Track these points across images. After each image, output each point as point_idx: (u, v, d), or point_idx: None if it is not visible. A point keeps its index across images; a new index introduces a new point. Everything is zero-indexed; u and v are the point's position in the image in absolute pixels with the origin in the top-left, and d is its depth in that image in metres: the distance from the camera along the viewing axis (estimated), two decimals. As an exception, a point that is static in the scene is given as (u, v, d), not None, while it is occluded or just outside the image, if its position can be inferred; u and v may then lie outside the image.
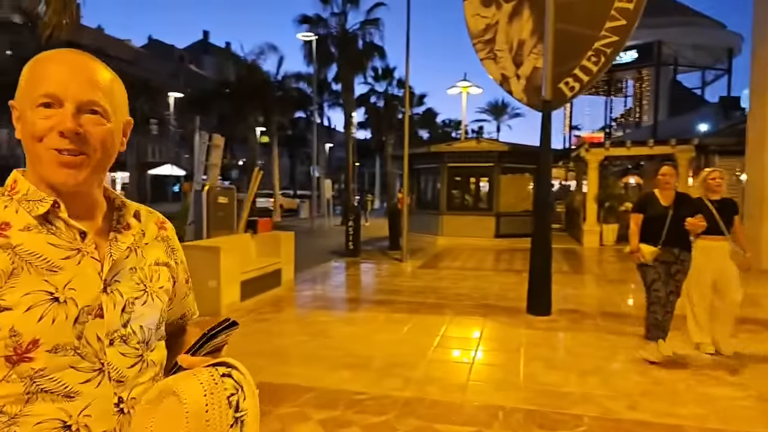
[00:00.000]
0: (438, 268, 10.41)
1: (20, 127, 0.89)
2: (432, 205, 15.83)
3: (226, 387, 0.85)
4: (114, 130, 0.91)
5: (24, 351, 0.80)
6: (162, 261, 1.03)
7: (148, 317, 0.95)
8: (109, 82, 0.90)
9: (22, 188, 0.89)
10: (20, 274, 0.82)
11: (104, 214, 0.96)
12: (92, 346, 0.86)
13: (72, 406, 0.83)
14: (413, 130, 41.12)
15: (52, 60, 0.88)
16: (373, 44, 26.15)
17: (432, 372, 4.45)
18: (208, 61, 50.97)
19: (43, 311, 0.81)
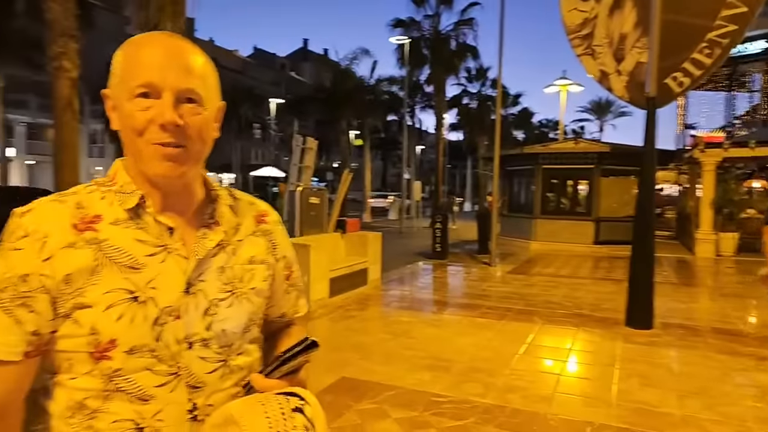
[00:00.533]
0: (529, 274, 10.03)
1: (116, 117, 0.85)
2: (525, 208, 15.29)
3: (295, 425, 0.76)
4: (209, 117, 0.87)
5: (103, 349, 0.79)
6: (258, 259, 0.96)
7: (233, 321, 0.89)
8: (203, 66, 0.86)
9: (120, 179, 0.87)
10: (102, 271, 0.80)
11: (198, 206, 0.91)
12: (170, 348, 0.82)
13: (146, 409, 0.81)
14: (507, 131, 40.07)
15: (145, 45, 0.83)
16: (466, 45, 25.86)
17: (515, 380, 4.29)
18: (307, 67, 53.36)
19: (122, 311, 0.79)
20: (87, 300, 0.79)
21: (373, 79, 27.74)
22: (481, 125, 33.18)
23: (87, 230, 0.82)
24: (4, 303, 0.78)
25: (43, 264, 0.79)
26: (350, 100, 25.33)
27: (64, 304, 0.79)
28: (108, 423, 0.80)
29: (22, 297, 0.78)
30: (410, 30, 25.01)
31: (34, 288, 0.78)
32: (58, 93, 8.01)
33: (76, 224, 0.82)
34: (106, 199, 0.85)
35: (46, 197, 0.85)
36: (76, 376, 0.81)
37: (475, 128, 34.42)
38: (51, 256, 0.79)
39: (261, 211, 1.02)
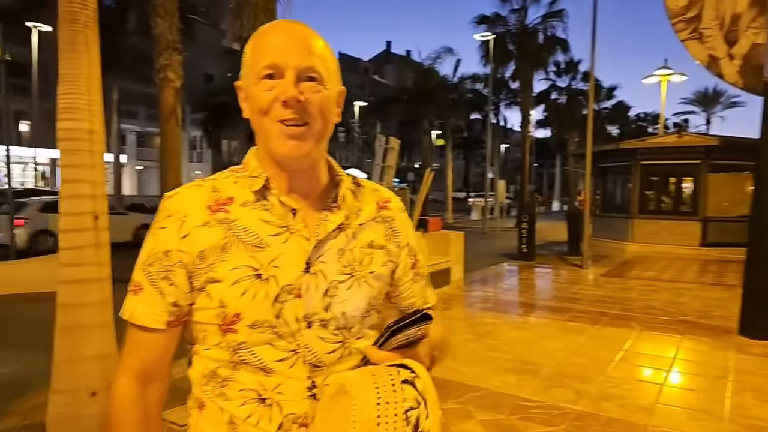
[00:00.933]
0: (625, 278, 9.39)
1: (246, 105, 0.90)
2: (620, 207, 14.32)
3: (405, 397, 0.75)
4: (330, 96, 0.89)
5: (229, 322, 0.84)
6: (378, 244, 0.96)
7: (352, 303, 0.91)
8: (323, 48, 0.89)
9: (251, 165, 0.92)
10: (230, 249, 0.85)
11: (322, 189, 0.94)
12: (289, 326, 0.86)
13: (268, 381, 0.85)
14: (600, 126, 37.91)
15: (270, 32, 0.88)
16: (555, 37, 24.80)
17: (610, 388, 4.00)
18: (389, 70, 53.95)
19: (246, 287, 0.84)
20: (217, 275, 0.85)
21: (456, 77, 27.41)
22: (571, 121, 31.68)
23: (219, 211, 0.88)
24: (151, 275, 0.87)
25: (181, 241, 0.86)
26: (432, 99, 25.19)
27: (198, 278, 0.86)
28: (236, 391, 0.86)
29: (165, 270, 0.86)
30: (495, 26, 24.42)
31: (174, 262, 0.86)
32: (163, 102, 8.70)
33: (210, 206, 0.88)
34: (238, 184, 0.91)
35: (189, 183, 0.93)
36: (209, 347, 0.88)
37: (564, 124, 32.96)
38: (188, 234, 0.86)
39: (384, 197, 1.03)
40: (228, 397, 0.86)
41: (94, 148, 3.30)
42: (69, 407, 2.96)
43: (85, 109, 3.26)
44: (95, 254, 3.12)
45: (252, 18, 5.35)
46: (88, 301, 3.05)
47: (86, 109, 3.26)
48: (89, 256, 3.09)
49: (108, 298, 3.18)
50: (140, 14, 12.53)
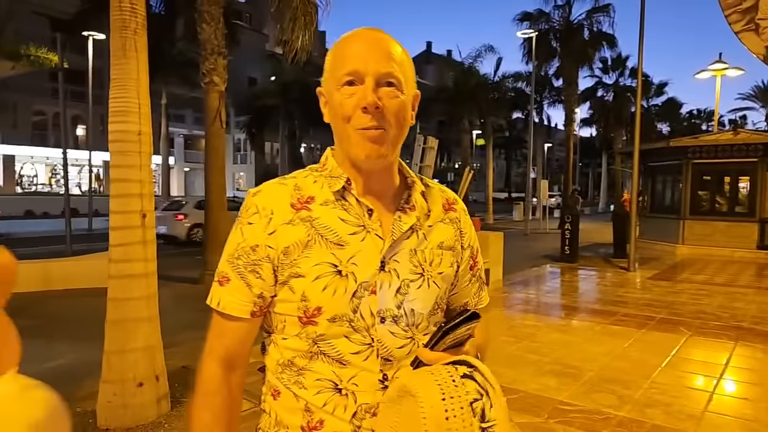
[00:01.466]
0: (674, 281, 9.02)
1: (327, 111, 0.94)
2: (670, 208, 13.76)
3: (467, 390, 0.77)
4: (407, 102, 0.92)
5: (310, 315, 0.88)
6: (447, 245, 1.00)
7: (422, 301, 0.94)
8: (401, 54, 0.92)
9: (330, 165, 0.96)
10: (313, 246, 0.89)
11: (395, 191, 0.97)
12: (365, 320, 0.89)
13: (343, 373, 0.89)
14: (650, 123, 36.58)
15: (350, 40, 0.92)
16: (601, 33, 24.07)
17: (656, 394, 3.85)
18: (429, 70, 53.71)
19: (327, 282, 0.88)
20: (300, 270, 0.89)
21: (498, 76, 27.02)
22: (618, 119, 30.72)
23: (302, 209, 0.92)
24: (239, 268, 0.92)
25: (268, 237, 0.90)
26: (472, 99, 24.91)
27: (283, 272, 0.90)
28: (312, 380, 0.90)
29: (252, 264, 0.91)
30: (538, 22, 23.94)
31: (262, 257, 0.90)
32: (208, 105, 8.96)
33: (294, 204, 0.92)
34: (317, 183, 0.95)
35: (272, 180, 0.98)
36: (287, 337, 0.92)
37: (610, 122, 31.96)
38: (275, 230, 0.90)
39: (450, 199, 1.06)
40: (304, 386, 0.91)
41: (142, 149, 3.45)
42: (117, 396, 3.11)
43: (135, 112, 3.41)
44: (142, 251, 3.26)
45: (291, 22, 5.46)
46: (135, 296, 3.20)
47: (136, 112, 3.42)
48: (137, 253, 3.24)
49: (153, 293, 3.32)
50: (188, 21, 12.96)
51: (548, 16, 24.03)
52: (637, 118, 10.38)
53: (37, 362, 4.49)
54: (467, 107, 25.25)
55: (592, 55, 24.45)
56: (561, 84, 26.14)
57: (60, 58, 12.59)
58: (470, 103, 25.00)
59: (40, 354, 4.74)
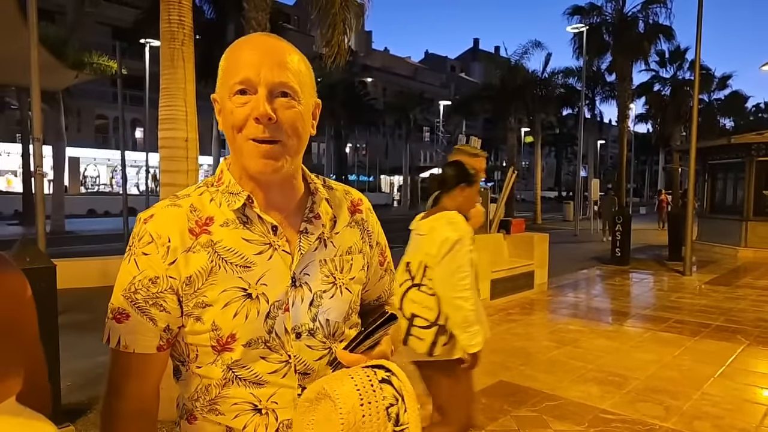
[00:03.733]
0: (734, 286, 8.54)
1: (221, 119, 0.89)
2: (731, 208, 13.01)
3: (384, 395, 0.80)
4: (304, 112, 0.88)
5: (225, 343, 0.85)
6: (356, 249, 0.99)
7: (336, 310, 0.93)
8: (297, 63, 0.88)
9: (226, 180, 0.91)
10: (218, 272, 0.85)
11: (298, 201, 0.94)
12: (281, 338, 0.87)
13: (261, 392, 0.87)
14: (712, 118, 34.69)
15: (242, 47, 0.88)
16: (658, 25, 23.01)
17: (706, 406, 3.68)
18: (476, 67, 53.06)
19: (237, 308, 0.85)
20: (207, 299, 0.85)
21: (547, 72, 26.35)
22: (676, 114, 29.30)
23: (202, 233, 0.87)
24: (139, 303, 0.85)
25: (169, 267, 0.85)
26: (519, 96, 24.40)
27: (188, 303, 0.85)
28: (229, 405, 0.88)
29: (154, 297, 0.85)
30: (589, 16, 23.16)
31: (163, 289, 0.85)
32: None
33: (192, 228, 0.87)
34: (215, 201, 0.90)
35: (163, 201, 0.92)
36: (201, 365, 0.88)
37: (668, 118, 30.52)
38: (175, 260, 0.85)
39: (355, 200, 1.04)
40: (220, 412, 0.88)
41: (189, 154, 3.61)
42: (165, 389, 3.25)
43: (182, 119, 3.57)
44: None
45: (331, 27, 5.57)
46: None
47: (183, 119, 3.58)
48: (184, 254, 3.39)
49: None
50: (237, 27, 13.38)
51: (600, 9, 23.22)
52: (694, 113, 9.90)
53: (94, 355, 4.78)
54: (513, 105, 24.76)
55: (648, 48, 23.40)
56: (614, 79, 25.20)
57: (119, 64, 13.28)
58: (517, 101, 24.49)
59: (97, 347, 5.02)
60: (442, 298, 2.22)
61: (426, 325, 2.24)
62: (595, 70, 25.98)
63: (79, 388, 3.91)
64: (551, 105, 26.94)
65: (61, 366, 3.20)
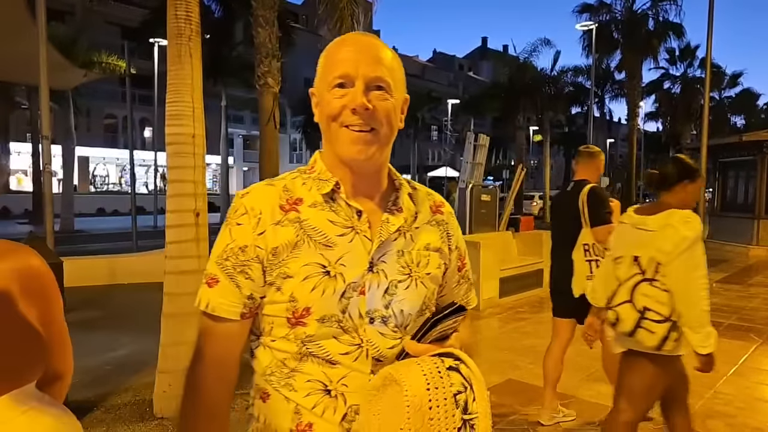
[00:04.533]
0: (746, 285, 8.44)
1: (318, 111, 0.97)
2: (743, 207, 12.87)
3: (452, 383, 0.80)
4: (395, 105, 0.95)
5: (299, 316, 0.89)
6: (433, 246, 1.01)
7: (410, 302, 0.95)
8: (391, 59, 0.95)
9: (318, 168, 0.98)
10: (302, 246, 0.90)
11: (383, 193, 0.99)
12: (354, 321, 0.91)
13: (333, 373, 0.90)
14: (723, 116, 34.37)
15: (342, 44, 0.95)
16: (668, 22, 22.90)
17: (719, 405, 3.63)
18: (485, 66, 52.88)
19: (315, 282, 0.89)
20: (289, 270, 0.90)
21: (556, 70, 26.21)
22: (687, 112, 29.04)
23: (291, 210, 0.93)
24: (228, 269, 0.92)
25: (257, 237, 0.91)
26: (528, 94, 24.29)
27: (271, 273, 0.90)
28: (302, 382, 0.91)
29: (241, 265, 0.91)
30: (598, 14, 23.07)
31: (251, 257, 0.91)
32: (263, 107, 9.25)
33: (282, 205, 0.94)
34: (306, 185, 0.97)
35: (260, 182, 0.99)
36: (275, 339, 0.92)
37: (678, 116, 30.27)
38: (264, 231, 0.91)
39: (437, 201, 1.08)
40: (294, 388, 0.91)
41: (196, 151, 3.60)
42: (172, 387, 3.27)
43: (189, 116, 3.56)
44: (196, 248, 3.41)
45: (338, 23, 5.56)
46: (189, 291, 3.33)
47: (190, 116, 3.56)
48: (190, 250, 3.38)
49: (206, 288, 3.45)
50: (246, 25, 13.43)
51: (609, 6, 23.15)
52: (705, 111, 9.80)
53: (102, 352, 4.80)
54: (522, 103, 24.65)
55: (657, 46, 23.28)
56: (623, 77, 25.03)
57: (127, 64, 13.36)
58: (525, 99, 24.37)
59: (105, 344, 5.06)
60: (676, 294, 2.23)
61: (660, 319, 2.25)
62: (604, 68, 25.85)
63: (85, 385, 3.91)
64: (560, 103, 26.79)
65: (69, 362, 3.21)
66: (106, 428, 3.21)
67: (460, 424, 0.77)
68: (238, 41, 18.38)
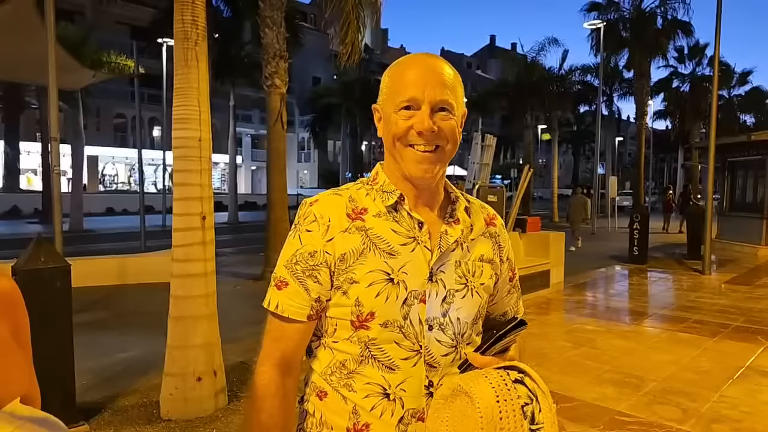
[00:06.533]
0: (754, 285, 8.37)
1: (382, 126, 1.01)
2: (752, 206, 12.74)
3: (519, 395, 0.83)
4: (458, 122, 0.99)
5: (363, 320, 0.94)
6: (487, 257, 1.05)
7: (466, 310, 1.00)
8: (453, 79, 0.98)
9: (381, 180, 1.02)
10: (367, 254, 0.95)
11: (440, 205, 1.04)
12: (414, 327, 0.94)
13: (392, 378, 0.94)
14: (732, 115, 33.98)
15: (408, 66, 0.99)
16: (676, 20, 22.65)
17: (725, 409, 3.61)
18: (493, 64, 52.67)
19: (380, 289, 0.93)
20: (355, 276, 0.94)
21: (564, 69, 26.04)
22: (696, 110, 28.72)
23: (357, 219, 0.98)
24: (297, 273, 0.96)
25: (326, 243, 0.96)
26: (535, 93, 24.15)
27: (338, 277, 0.95)
28: (362, 384, 0.95)
29: (311, 269, 0.96)
30: (607, 12, 22.87)
31: (320, 262, 0.95)
32: (270, 107, 9.25)
33: (349, 214, 0.98)
34: (369, 196, 1.01)
35: (327, 191, 1.04)
36: (338, 340, 0.97)
37: (687, 114, 29.96)
38: (332, 238, 0.96)
39: (490, 214, 1.13)
40: (353, 389, 0.95)
41: (203, 154, 3.62)
42: (178, 390, 3.30)
43: (196, 119, 3.59)
44: (202, 251, 3.43)
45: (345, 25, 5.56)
46: (195, 294, 3.37)
47: (196, 119, 3.59)
48: (197, 253, 3.41)
49: (212, 291, 3.49)
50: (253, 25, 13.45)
51: (617, 5, 22.93)
52: (713, 109, 9.71)
53: (110, 353, 4.85)
54: (530, 102, 24.52)
55: (666, 44, 23.02)
56: (632, 76, 24.84)
57: (136, 64, 13.44)
58: (533, 98, 24.25)
59: (113, 345, 5.11)
60: None
61: None
62: (612, 67, 25.61)
63: (94, 386, 3.96)
64: (568, 102, 26.63)
65: (77, 364, 3.25)
66: (114, 430, 3.24)
67: None
68: (246, 41, 18.41)
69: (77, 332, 3.30)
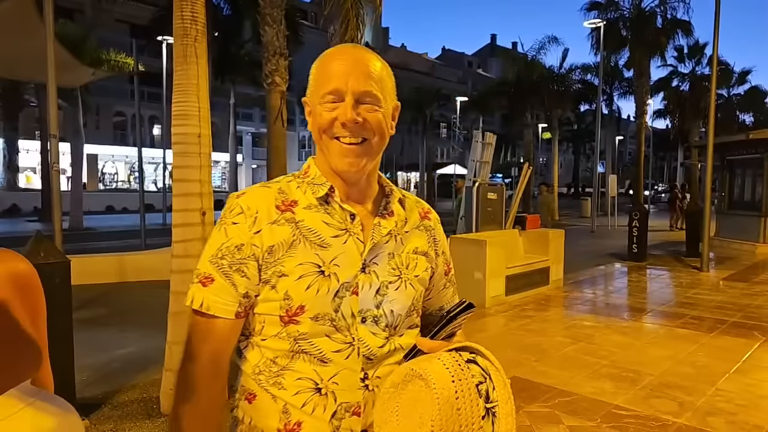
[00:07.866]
0: (751, 282, 8.39)
1: (311, 121, 0.99)
2: (750, 204, 12.76)
3: (473, 374, 0.83)
4: (385, 114, 0.98)
5: (293, 314, 0.91)
6: (421, 250, 1.05)
7: (399, 303, 0.98)
8: (380, 71, 0.97)
9: (312, 173, 1.01)
10: (297, 246, 0.92)
11: (374, 198, 1.03)
12: (346, 320, 0.93)
13: (324, 371, 0.91)
14: (732, 114, 34.03)
15: (332, 58, 0.97)
16: (676, 20, 22.72)
17: (721, 402, 3.63)
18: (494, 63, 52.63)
19: (310, 281, 0.91)
20: (284, 269, 0.92)
21: (564, 68, 26.05)
22: (695, 109, 28.77)
23: (286, 211, 0.96)
24: (224, 268, 0.92)
25: (254, 236, 0.93)
26: (536, 92, 24.17)
27: (267, 271, 0.92)
28: (292, 380, 0.92)
29: (238, 263, 0.92)
30: (606, 11, 22.90)
31: (247, 255, 0.92)
32: (270, 105, 9.28)
33: (278, 205, 0.96)
34: (300, 188, 1.00)
35: (256, 184, 1.02)
36: (266, 338, 0.93)
37: (686, 113, 30.00)
38: (260, 230, 0.93)
39: (425, 209, 1.13)
40: (283, 386, 0.92)
41: (202, 150, 3.64)
42: (179, 383, 3.32)
43: (195, 116, 3.60)
44: (202, 247, 3.44)
45: (344, 23, 5.59)
46: (194, 289, 3.39)
47: (196, 115, 3.61)
48: (197, 249, 3.42)
49: (212, 286, 3.50)
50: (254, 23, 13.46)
51: (617, 4, 22.99)
52: (711, 108, 9.72)
53: (110, 349, 4.88)
54: (530, 101, 24.54)
55: (665, 43, 23.06)
56: (632, 75, 24.86)
57: (135, 62, 13.44)
58: (533, 97, 24.28)
59: (113, 342, 5.13)
60: None
61: None
62: (612, 66, 25.64)
63: (94, 382, 3.98)
64: (568, 101, 26.67)
65: (77, 360, 3.27)
66: (114, 425, 3.26)
67: (484, 413, 0.82)
68: (246, 39, 18.43)
69: (77, 329, 3.32)
